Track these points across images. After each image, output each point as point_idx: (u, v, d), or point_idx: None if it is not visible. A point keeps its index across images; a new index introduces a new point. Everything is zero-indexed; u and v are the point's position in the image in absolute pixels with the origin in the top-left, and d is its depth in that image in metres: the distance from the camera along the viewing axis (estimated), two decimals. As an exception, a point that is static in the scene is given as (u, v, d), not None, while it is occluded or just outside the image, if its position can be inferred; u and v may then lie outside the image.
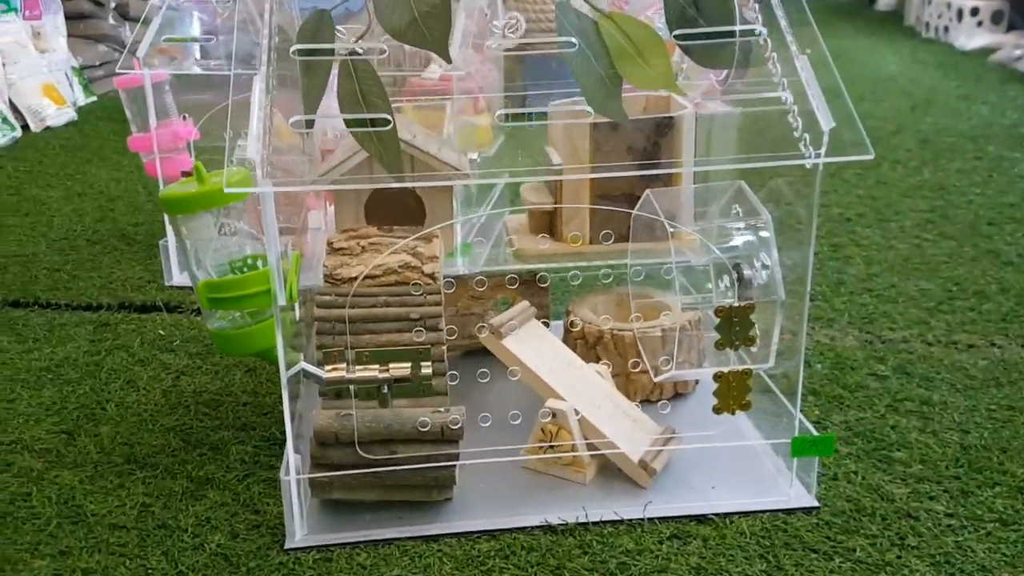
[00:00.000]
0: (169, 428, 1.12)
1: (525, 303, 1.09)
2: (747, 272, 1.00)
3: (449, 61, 1.01)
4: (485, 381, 1.00)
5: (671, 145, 1.11)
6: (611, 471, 0.99)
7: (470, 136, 1.67)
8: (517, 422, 0.98)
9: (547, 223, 1.21)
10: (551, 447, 0.97)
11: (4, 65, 2.82)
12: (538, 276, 1.20)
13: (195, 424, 1.13)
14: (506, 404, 1.03)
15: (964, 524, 0.91)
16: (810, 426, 0.94)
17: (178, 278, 1.58)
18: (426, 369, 0.87)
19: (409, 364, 0.86)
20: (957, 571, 0.85)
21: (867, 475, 0.99)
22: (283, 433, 1.06)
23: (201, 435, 1.10)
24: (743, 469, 0.99)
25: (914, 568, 0.85)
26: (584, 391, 1.01)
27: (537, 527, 0.92)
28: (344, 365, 0.86)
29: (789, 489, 0.96)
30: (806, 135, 0.88)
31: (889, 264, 1.58)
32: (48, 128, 2.82)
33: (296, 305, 0.89)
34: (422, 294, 1.02)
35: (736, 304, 0.89)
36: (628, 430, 1.00)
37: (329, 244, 1.09)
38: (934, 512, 0.93)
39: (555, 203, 1.20)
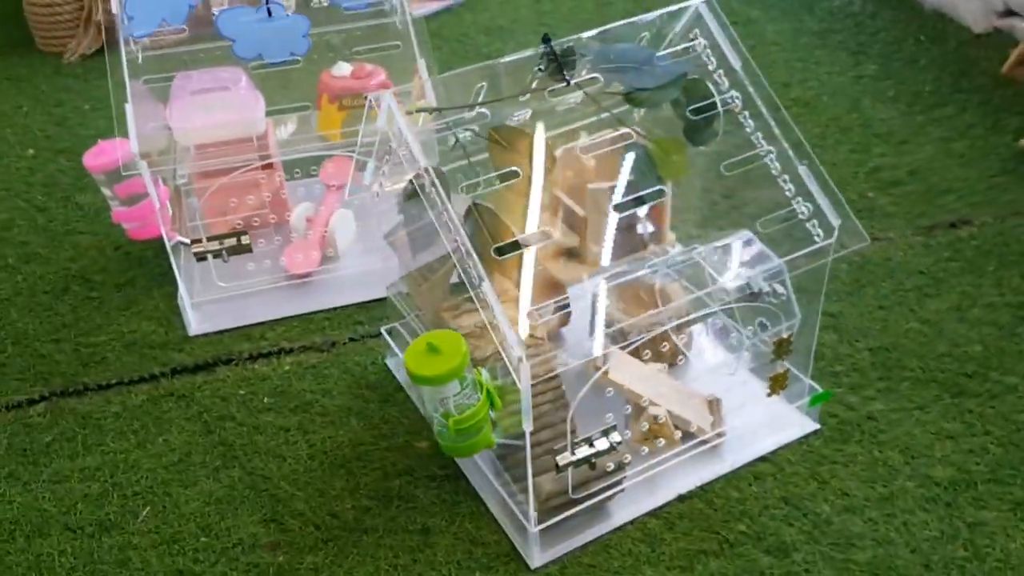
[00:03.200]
0: (350, 491, 1.42)
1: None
2: (755, 287, 1.46)
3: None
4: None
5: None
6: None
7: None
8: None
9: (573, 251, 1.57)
10: (655, 438, 1.42)
11: None
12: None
13: (364, 480, 1.43)
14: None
15: (901, 416, 1.50)
16: (818, 387, 1.47)
17: (197, 325, 1.74)
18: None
19: (608, 446, 1.26)
20: (919, 455, 1.44)
21: (837, 395, 1.54)
22: (441, 468, 1.42)
23: (379, 489, 1.42)
24: (767, 415, 1.49)
25: (888, 456, 1.43)
26: (664, 391, 1.45)
27: (677, 498, 1.38)
28: (575, 456, 1.24)
29: (802, 421, 1.49)
30: (815, 220, 1.32)
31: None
32: None
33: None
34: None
35: (785, 336, 1.36)
36: (696, 407, 1.46)
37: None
38: (879, 411, 1.51)
39: (579, 239, 1.55)
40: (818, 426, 1.49)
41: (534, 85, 1.33)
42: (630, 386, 1.42)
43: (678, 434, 1.43)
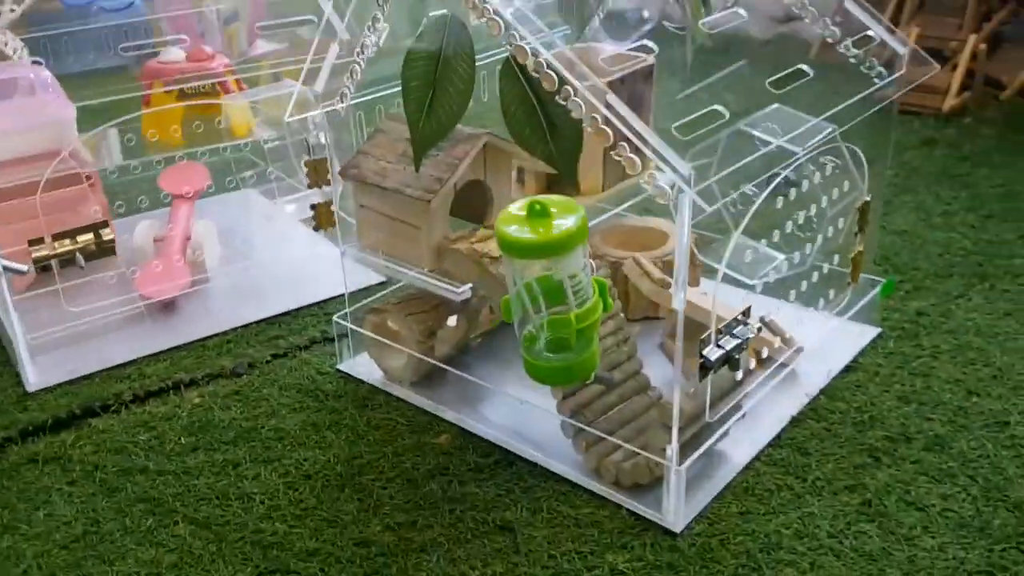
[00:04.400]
0: (373, 509, 0.97)
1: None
2: (792, 176, 1.25)
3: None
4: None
5: (649, 89, 1.26)
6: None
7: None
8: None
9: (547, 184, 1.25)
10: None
11: None
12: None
13: (386, 493, 0.99)
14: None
15: (948, 307, 1.33)
16: (880, 279, 1.27)
17: (39, 376, 1.19)
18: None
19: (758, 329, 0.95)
20: (995, 334, 1.26)
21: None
22: (484, 456, 1.04)
23: (415, 498, 0.98)
24: (823, 328, 1.25)
25: (969, 341, 1.25)
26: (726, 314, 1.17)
27: (790, 423, 1.09)
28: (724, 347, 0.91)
29: (861, 328, 1.27)
30: (871, 59, 1.15)
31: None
32: None
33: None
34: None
35: (867, 200, 1.15)
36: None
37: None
38: (924, 306, 1.34)
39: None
40: (879, 329, 1.28)
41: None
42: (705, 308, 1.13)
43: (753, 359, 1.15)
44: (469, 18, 0.92)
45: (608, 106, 0.81)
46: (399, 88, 1.06)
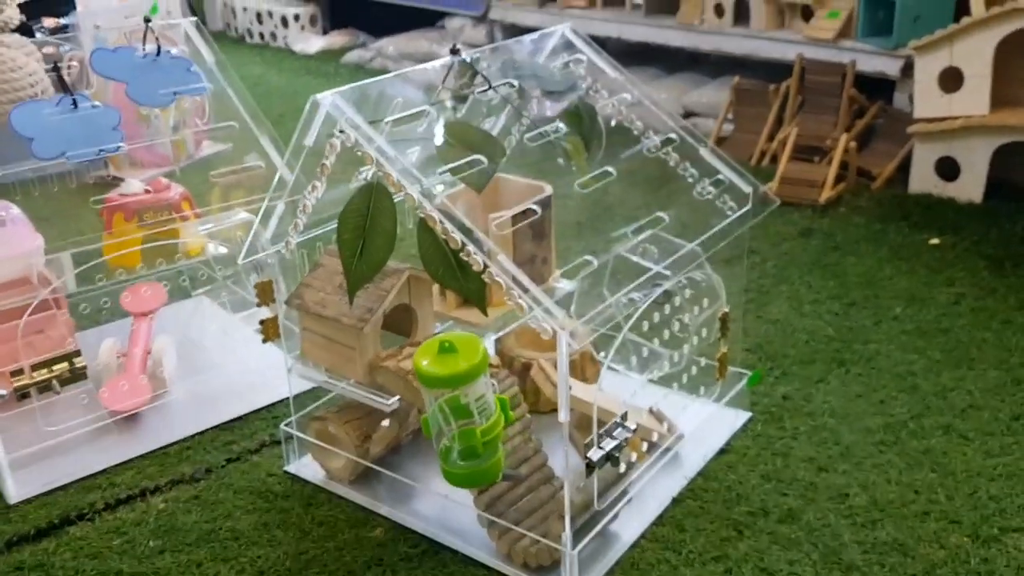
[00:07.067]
0: (319, 598, 1.15)
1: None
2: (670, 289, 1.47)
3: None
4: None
5: (549, 215, 1.49)
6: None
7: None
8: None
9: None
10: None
11: None
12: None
13: (329, 584, 1.17)
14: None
15: (809, 391, 1.56)
16: (747, 372, 1.49)
17: (19, 489, 1.35)
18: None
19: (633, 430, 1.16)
20: (846, 415, 1.49)
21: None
22: (412, 547, 1.22)
23: None
24: (701, 416, 1.47)
25: (824, 422, 1.47)
26: (616, 407, 1.38)
27: (672, 502, 1.30)
28: (604, 448, 1.12)
29: (735, 413, 1.49)
30: (724, 196, 1.38)
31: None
32: None
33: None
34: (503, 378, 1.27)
35: (726, 310, 1.38)
36: (646, 418, 1.41)
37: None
38: (788, 391, 1.56)
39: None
40: (750, 414, 1.50)
41: (444, 94, 1.28)
42: (601, 404, 1.34)
43: (643, 445, 1.36)
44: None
45: (499, 266, 1.02)
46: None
